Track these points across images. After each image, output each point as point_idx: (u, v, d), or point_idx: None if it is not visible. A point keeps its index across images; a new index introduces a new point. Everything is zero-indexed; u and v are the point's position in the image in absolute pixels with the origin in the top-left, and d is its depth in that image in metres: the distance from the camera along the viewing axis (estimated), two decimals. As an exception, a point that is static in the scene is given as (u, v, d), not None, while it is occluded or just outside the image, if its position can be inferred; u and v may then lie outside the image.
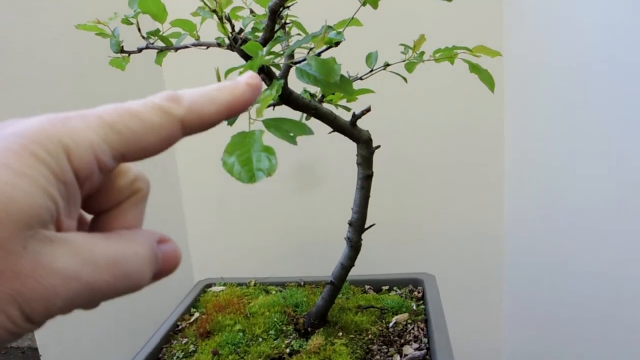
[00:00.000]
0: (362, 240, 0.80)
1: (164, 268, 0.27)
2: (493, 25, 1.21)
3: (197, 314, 0.96)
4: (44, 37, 1.09)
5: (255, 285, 1.05)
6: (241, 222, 1.36)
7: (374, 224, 0.79)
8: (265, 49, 0.64)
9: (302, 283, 1.04)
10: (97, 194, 0.27)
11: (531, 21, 1.16)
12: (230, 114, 0.28)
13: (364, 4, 0.65)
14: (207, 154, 1.36)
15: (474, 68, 0.77)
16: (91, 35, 0.79)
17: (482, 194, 1.31)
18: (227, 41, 0.67)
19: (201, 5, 0.67)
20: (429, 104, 1.26)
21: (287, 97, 0.69)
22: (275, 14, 0.62)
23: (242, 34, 0.69)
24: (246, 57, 0.66)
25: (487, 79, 0.77)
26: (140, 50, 0.81)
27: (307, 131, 0.53)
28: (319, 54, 0.63)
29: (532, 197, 1.23)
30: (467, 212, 1.32)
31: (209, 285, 1.07)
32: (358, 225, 0.78)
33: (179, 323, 0.94)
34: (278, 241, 1.36)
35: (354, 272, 0.84)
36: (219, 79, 0.61)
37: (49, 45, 1.10)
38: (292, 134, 0.52)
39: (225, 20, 0.65)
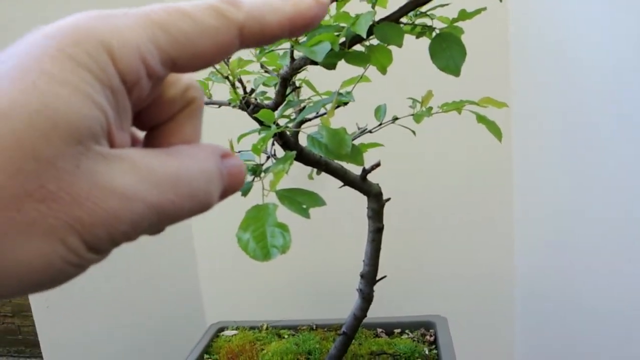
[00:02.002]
0: (374, 291, 0.80)
1: (230, 185, 0.24)
2: (499, 76, 1.23)
3: (210, 361, 0.97)
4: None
5: (267, 329, 1.06)
6: (252, 263, 1.37)
7: (385, 276, 0.80)
8: (277, 113, 0.65)
9: (314, 327, 1.05)
10: (148, 108, 0.24)
11: (537, 69, 1.17)
12: (293, 31, 0.24)
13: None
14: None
15: (481, 119, 0.78)
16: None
17: (492, 237, 1.31)
18: (239, 104, 0.68)
19: (213, 71, 0.69)
20: (438, 155, 1.28)
21: (298, 154, 0.71)
22: (286, 81, 0.63)
23: (253, 94, 0.71)
24: (258, 119, 0.67)
25: (494, 130, 0.78)
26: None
27: (320, 202, 0.54)
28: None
29: (542, 238, 1.23)
30: (477, 255, 1.32)
31: (222, 329, 1.08)
32: (370, 277, 0.79)
33: (192, 371, 0.95)
34: (289, 283, 1.37)
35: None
36: (232, 149, 0.63)
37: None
38: (304, 206, 0.53)
39: (237, 85, 0.67)
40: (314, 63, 0.57)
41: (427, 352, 0.93)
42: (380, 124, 0.79)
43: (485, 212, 1.30)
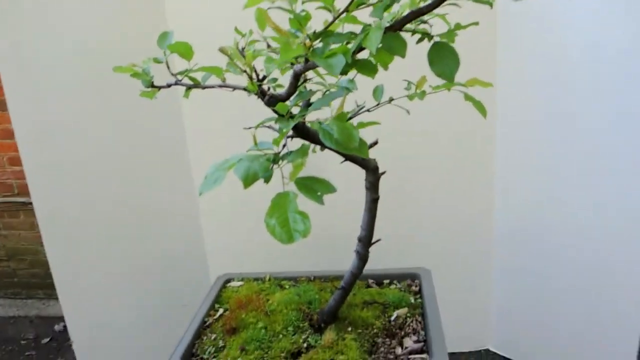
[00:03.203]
0: (369, 252, 0.92)
1: None
2: (487, 59, 1.31)
3: (221, 310, 1.09)
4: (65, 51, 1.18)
5: (270, 280, 1.18)
6: (253, 219, 1.48)
7: (379, 239, 0.91)
8: (290, 103, 0.74)
9: (312, 278, 1.17)
10: None
11: (522, 51, 1.25)
12: None
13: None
14: (220, 145, 1.46)
15: (468, 97, 0.87)
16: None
17: (474, 192, 1.43)
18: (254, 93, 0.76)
19: (230, 62, 0.76)
20: (428, 131, 1.37)
21: (305, 133, 0.79)
22: (299, 76, 0.71)
23: (265, 80, 0.78)
24: (269, 107, 0.76)
25: (479, 107, 0.87)
26: (169, 85, 0.90)
27: (332, 189, 0.64)
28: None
29: (519, 196, 1.36)
30: (460, 213, 1.44)
31: (228, 281, 1.20)
32: (366, 241, 0.90)
33: (206, 319, 1.07)
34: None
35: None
36: (255, 142, 0.71)
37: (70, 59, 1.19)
38: (319, 193, 0.63)
39: (253, 77, 0.74)
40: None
41: (412, 301, 1.07)
42: (378, 104, 0.88)
43: (468, 174, 1.41)
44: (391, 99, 0.88)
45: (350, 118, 0.86)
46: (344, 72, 0.61)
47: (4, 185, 3.52)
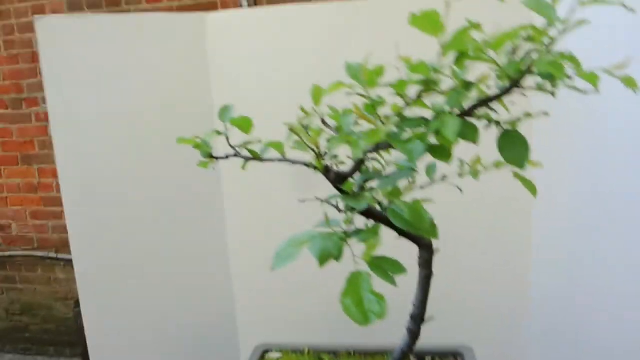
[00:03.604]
0: (420, 330, 0.91)
1: None
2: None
3: (261, 383, 1.07)
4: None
5: (309, 353, 1.16)
6: (288, 287, 1.48)
7: (432, 318, 0.90)
8: (356, 181, 0.75)
9: (352, 352, 1.15)
10: None
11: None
12: None
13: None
14: (255, 209, 1.48)
15: (517, 175, 0.88)
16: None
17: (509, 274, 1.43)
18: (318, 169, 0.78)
19: (298, 141, 0.79)
20: (462, 203, 1.38)
21: (370, 213, 0.79)
22: (364, 160, 0.74)
23: (325, 156, 0.80)
24: (333, 184, 0.78)
25: (529, 186, 0.88)
26: (227, 157, 0.93)
27: (403, 271, 0.65)
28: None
29: (556, 277, 1.35)
30: (494, 289, 1.43)
31: (266, 351, 1.18)
32: (419, 318, 0.89)
33: (247, 392, 1.04)
34: (317, 307, 1.47)
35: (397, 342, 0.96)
36: (327, 221, 0.73)
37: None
38: (390, 274, 0.64)
39: (320, 156, 0.77)
40: (391, 146, 0.67)
41: (458, 380, 1.04)
42: (431, 182, 0.90)
43: (503, 251, 1.41)
44: (444, 177, 0.90)
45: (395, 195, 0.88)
46: (420, 157, 0.63)
47: (25, 239, 3.54)
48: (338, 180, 0.77)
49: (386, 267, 0.64)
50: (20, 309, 3.65)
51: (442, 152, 0.63)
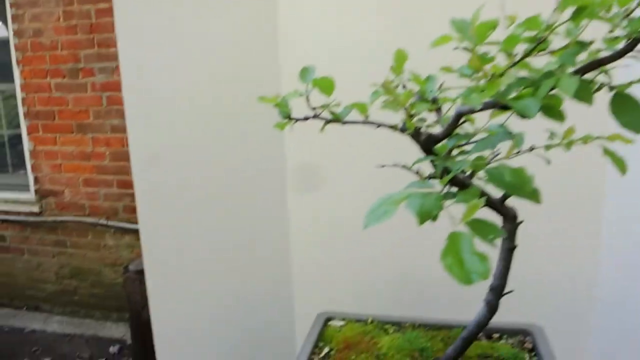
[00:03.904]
0: (499, 304, 0.89)
1: None
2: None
3: (327, 349, 1.06)
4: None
5: (372, 322, 1.15)
6: (349, 255, 1.47)
7: (512, 290, 0.88)
8: (448, 144, 0.73)
9: (416, 325, 1.14)
10: None
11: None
12: None
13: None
14: (317, 174, 1.47)
15: (608, 152, 0.84)
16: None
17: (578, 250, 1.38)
18: (409, 132, 0.76)
19: (388, 100, 0.77)
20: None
21: (460, 184, 0.77)
22: (460, 116, 0.71)
23: (414, 118, 0.78)
24: (426, 149, 0.75)
25: (619, 163, 0.84)
26: (306, 118, 0.91)
27: (500, 233, 0.62)
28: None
29: (625, 256, 1.30)
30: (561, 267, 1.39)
31: (329, 319, 1.18)
32: (499, 290, 0.87)
33: (311, 357, 1.04)
34: (381, 278, 1.47)
35: (466, 318, 0.94)
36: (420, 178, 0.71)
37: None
38: (491, 237, 0.62)
39: (410, 115, 0.75)
40: (501, 107, 0.65)
41: (527, 359, 1.02)
42: (518, 152, 0.87)
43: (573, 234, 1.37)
44: (532, 148, 0.87)
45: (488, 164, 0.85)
46: (532, 116, 0.60)
47: (77, 206, 3.65)
48: (429, 142, 0.75)
49: (485, 229, 0.62)
50: (69, 273, 3.78)
51: (555, 111, 0.60)
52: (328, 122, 0.90)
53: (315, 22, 1.44)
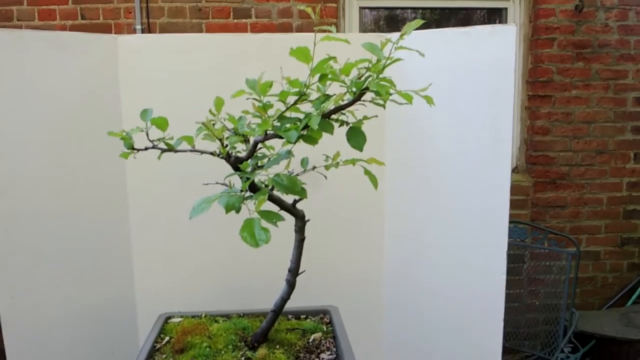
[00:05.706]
0: (295, 281, 1.21)
1: None
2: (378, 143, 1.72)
3: (167, 338, 1.29)
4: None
5: (205, 317, 1.41)
6: (182, 264, 1.71)
7: (304, 270, 1.21)
8: (250, 163, 1.05)
9: (241, 314, 1.42)
10: None
11: (404, 136, 1.68)
12: None
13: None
14: (155, 194, 1.70)
15: (367, 172, 1.22)
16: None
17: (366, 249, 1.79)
18: (222, 156, 1.06)
19: (207, 134, 1.07)
20: (336, 187, 1.73)
21: (255, 188, 1.08)
22: (257, 144, 1.03)
23: (228, 147, 1.09)
24: (234, 167, 1.06)
25: (373, 179, 1.22)
26: (147, 149, 1.17)
27: (281, 218, 0.95)
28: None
29: (403, 252, 1.73)
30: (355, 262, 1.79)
31: (169, 318, 1.41)
32: (295, 271, 1.19)
33: (155, 344, 1.26)
34: (211, 282, 1.73)
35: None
36: (231, 187, 1.01)
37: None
38: (274, 220, 0.93)
39: (223, 145, 1.05)
40: (279, 137, 0.98)
41: (325, 329, 1.35)
42: (304, 170, 1.21)
43: (361, 233, 1.77)
44: (314, 167, 1.22)
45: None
46: (294, 142, 0.94)
47: None
48: (237, 162, 1.06)
49: (270, 216, 0.93)
50: None
51: (310, 138, 0.94)
52: (164, 151, 1.16)
53: (150, 73, 1.69)
